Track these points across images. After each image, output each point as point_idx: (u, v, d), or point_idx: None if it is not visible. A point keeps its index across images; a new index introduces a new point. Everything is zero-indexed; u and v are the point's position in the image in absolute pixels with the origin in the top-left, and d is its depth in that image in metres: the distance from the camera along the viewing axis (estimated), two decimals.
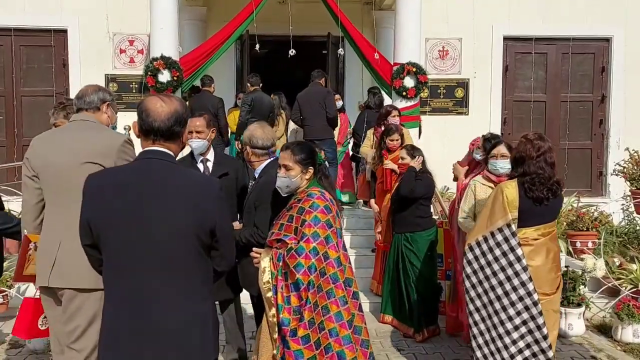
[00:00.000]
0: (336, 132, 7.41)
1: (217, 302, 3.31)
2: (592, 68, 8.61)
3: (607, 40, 8.53)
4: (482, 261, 3.24)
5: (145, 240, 2.00)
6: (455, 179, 4.86)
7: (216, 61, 7.34)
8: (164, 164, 2.09)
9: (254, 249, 2.92)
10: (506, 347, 3.20)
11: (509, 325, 3.18)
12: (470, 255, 3.30)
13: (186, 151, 3.85)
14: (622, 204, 6.59)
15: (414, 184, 4.74)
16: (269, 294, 2.77)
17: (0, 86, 8.07)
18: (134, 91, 8.11)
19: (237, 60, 9.06)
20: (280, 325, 2.71)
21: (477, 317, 3.30)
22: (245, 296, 3.64)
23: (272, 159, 3.41)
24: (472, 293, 3.29)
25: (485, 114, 8.48)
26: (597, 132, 8.56)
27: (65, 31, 8.05)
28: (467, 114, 8.51)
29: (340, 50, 7.90)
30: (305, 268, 2.71)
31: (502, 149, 4.00)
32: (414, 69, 7.09)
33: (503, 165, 3.95)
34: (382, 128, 5.95)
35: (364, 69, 7.73)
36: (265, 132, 3.41)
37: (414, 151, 5.05)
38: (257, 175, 3.41)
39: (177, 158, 2.32)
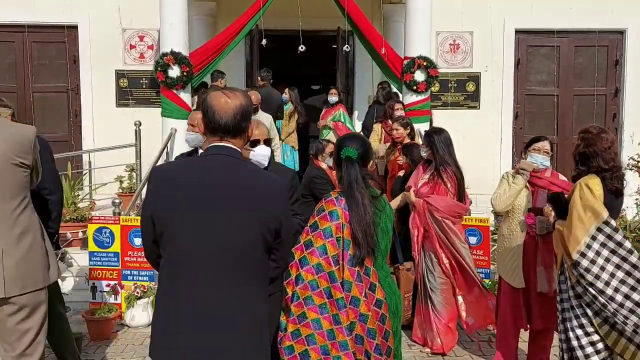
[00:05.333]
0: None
1: None
2: (605, 61, 8.49)
3: (621, 32, 8.41)
4: (600, 261, 3.06)
5: (212, 238, 1.95)
6: (413, 205, 4.47)
7: (226, 56, 7.34)
8: (232, 161, 2.03)
9: None
10: None
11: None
12: (585, 262, 3.06)
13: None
14: (636, 199, 6.50)
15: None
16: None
17: (12, 82, 8.12)
18: (144, 87, 8.12)
19: (246, 55, 9.04)
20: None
21: (624, 312, 3.06)
22: None
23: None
24: (609, 292, 3.05)
25: (497, 108, 8.41)
26: (610, 126, 8.43)
27: (76, 27, 8.07)
28: (479, 108, 8.44)
29: (346, 47, 7.84)
30: (292, 278, 2.61)
31: (546, 144, 3.90)
32: (425, 63, 7.04)
33: (544, 161, 3.87)
34: (389, 122, 5.95)
35: (374, 63, 7.69)
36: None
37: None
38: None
39: (175, 155, 2.33)
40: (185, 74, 6.85)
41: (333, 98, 7.65)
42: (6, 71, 8.08)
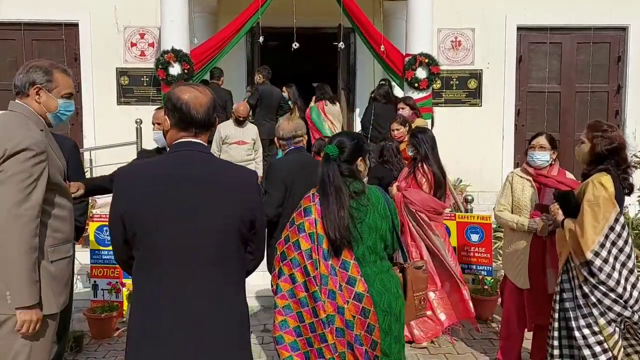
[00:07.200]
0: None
1: None
2: (607, 58, 8.47)
3: (623, 29, 8.38)
4: (611, 259, 3.06)
5: (189, 235, 1.94)
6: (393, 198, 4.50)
7: (227, 54, 7.32)
8: (204, 157, 2.04)
9: None
10: None
11: None
12: (598, 262, 3.04)
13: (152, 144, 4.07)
14: (639, 196, 6.47)
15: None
16: None
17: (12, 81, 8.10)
18: (145, 85, 8.12)
19: (247, 52, 9.03)
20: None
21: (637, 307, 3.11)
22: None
23: (291, 147, 3.65)
24: (619, 290, 3.06)
25: (499, 105, 8.39)
26: (612, 123, 8.41)
27: (76, 25, 8.07)
28: (480, 105, 8.43)
29: (341, 44, 7.81)
30: (275, 271, 2.73)
31: (541, 140, 3.81)
32: (426, 60, 7.03)
33: (540, 157, 3.78)
34: None
35: (375, 60, 7.67)
36: (289, 124, 3.67)
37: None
38: None
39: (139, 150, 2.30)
40: (186, 71, 6.84)
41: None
42: (7, 69, 8.06)
